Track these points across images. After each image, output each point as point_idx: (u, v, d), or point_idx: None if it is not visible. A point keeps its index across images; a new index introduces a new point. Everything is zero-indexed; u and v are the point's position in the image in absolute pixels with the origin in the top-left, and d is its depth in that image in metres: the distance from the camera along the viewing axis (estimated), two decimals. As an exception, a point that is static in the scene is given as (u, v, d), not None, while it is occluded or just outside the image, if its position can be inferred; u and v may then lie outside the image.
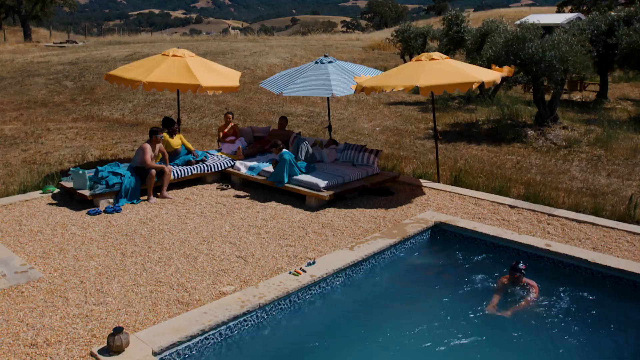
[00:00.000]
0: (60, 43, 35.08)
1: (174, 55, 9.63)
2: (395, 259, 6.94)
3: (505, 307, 5.81)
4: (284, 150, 8.95)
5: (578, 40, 13.89)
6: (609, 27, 17.63)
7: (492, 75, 8.65)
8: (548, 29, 19.25)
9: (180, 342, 4.76)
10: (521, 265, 5.89)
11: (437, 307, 5.90)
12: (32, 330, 4.91)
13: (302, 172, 8.88)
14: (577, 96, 20.02)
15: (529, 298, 5.84)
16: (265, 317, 5.42)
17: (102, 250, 6.66)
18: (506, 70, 9.24)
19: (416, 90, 7.97)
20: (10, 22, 49.52)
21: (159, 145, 8.91)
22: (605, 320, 5.62)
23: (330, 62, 9.84)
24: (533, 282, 5.92)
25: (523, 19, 24.17)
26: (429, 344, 5.22)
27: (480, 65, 11.88)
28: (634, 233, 7.21)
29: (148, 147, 8.67)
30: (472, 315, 5.68)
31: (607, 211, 8.16)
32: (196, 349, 4.87)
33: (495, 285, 6.13)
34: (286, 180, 8.72)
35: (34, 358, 4.51)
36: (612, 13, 18.89)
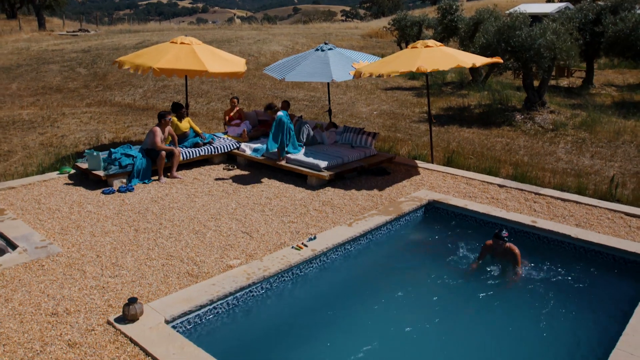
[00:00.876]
0: (73, 32, 34.76)
1: (181, 43, 9.58)
2: (391, 235, 6.99)
3: (492, 275, 5.88)
4: (279, 113, 8.78)
5: (566, 28, 13.79)
6: (597, 16, 17.46)
7: (482, 60, 8.63)
8: (538, 17, 19.04)
9: (191, 311, 4.84)
10: (504, 233, 5.92)
11: (429, 278, 5.96)
12: (53, 301, 4.98)
13: (295, 148, 8.87)
14: (564, 82, 19.91)
15: (513, 265, 5.90)
16: (270, 288, 5.49)
17: (116, 227, 6.71)
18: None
19: (412, 75, 7.94)
20: (25, 11, 49.01)
21: (168, 128, 8.93)
22: (587, 291, 5.69)
23: (330, 49, 9.78)
24: (514, 247, 5.93)
25: (514, 8, 23.86)
26: (421, 310, 5.32)
27: (472, 52, 11.81)
28: (615, 211, 7.26)
29: (158, 130, 8.69)
30: (461, 286, 5.76)
31: (590, 190, 8.21)
32: (205, 318, 4.94)
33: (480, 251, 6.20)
34: (286, 142, 8.70)
35: (55, 326, 4.59)
36: (600, 2, 18.68)
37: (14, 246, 6.10)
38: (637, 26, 15.37)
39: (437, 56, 8.23)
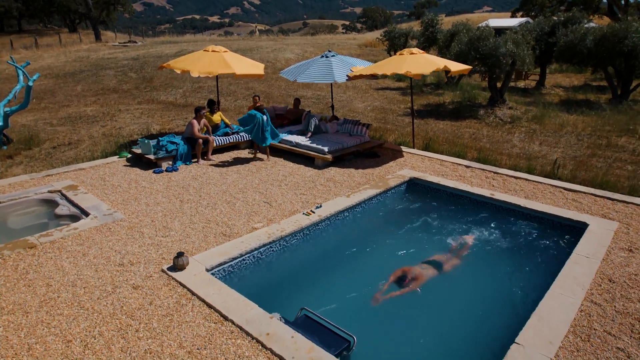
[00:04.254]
0: (124, 43, 34.46)
1: (213, 51, 9.48)
2: (380, 204, 7.08)
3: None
4: (257, 112, 8.55)
5: (525, 39, 13.68)
6: (551, 29, 17.24)
7: (456, 66, 8.62)
8: (503, 30, 18.81)
9: (225, 262, 5.01)
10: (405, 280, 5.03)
11: (410, 235, 6.10)
12: (119, 255, 5.16)
13: (271, 134, 8.64)
14: (521, 84, 19.72)
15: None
16: (285, 244, 5.62)
17: (165, 199, 6.82)
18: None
19: (399, 77, 7.91)
20: (84, 26, 48.63)
21: (203, 120, 8.95)
22: (531, 247, 5.82)
23: (333, 56, 9.73)
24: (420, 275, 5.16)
25: (483, 23, 23.54)
26: (403, 259, 5.45)
27: (449, 59, 11.77)
28: (556, 186, 7.32)
29: (195, 122, 8.73)
30: (435, 241, 5.89)
31: (537, 170, 8.24)
32: (236, 267, 5.12)
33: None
34: (259, 135, 8.45)
35: (122, 273, 4.79)
36: (555, 17, 18.41)
37: (86, 214, 6.27)
38: (584, 37, 15.21)
39: (420, 61, 8.23)
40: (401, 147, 9.79)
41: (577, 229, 5.94)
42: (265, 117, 8.55)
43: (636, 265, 4.94)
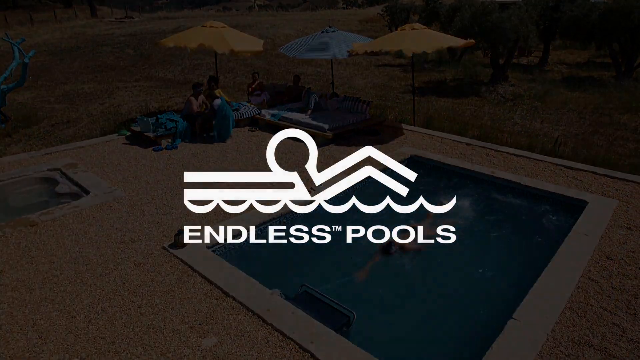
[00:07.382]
0: (121, 19, 33.77)
1: (211, 27, 9.41)
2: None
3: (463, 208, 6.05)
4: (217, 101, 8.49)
5: (529, 14, 13.38)
6: (556, 4, 16.83)
7: (458, 42, 8.48)
8: (507, 5, 18.34)
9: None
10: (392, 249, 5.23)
11: (409, 212, 6.00)
12: (121, 232, 5.21)
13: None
14: (524, 60, 19.44)
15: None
16: (285, 222, 5.65)
17: (165, 177, 6.83)
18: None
19: (400, 54, 7.80)
20: (79, 1, 47.50)
21: (201, 97, 8.89)
22: (532, 223, 5.86)
23: (333, 31, 9.62)
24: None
25: (487, -4, 22.94)
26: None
27: (451, 35, 11.54)
28: (557, 164, 7.30)
29: (193, 99, 8.70)
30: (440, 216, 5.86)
31: (538, 148, 8.22)
32: (237, 244, 5.14)
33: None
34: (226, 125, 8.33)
35: (123, 251, 4.85)
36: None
37: (87, 192, 6.30)
38: (589, 13, 14.87)
39: (422, 37, 8.07)
40: (402, 124, 9.75)
41: (576, 207, 5.94)
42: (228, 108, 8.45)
43: (634, 242, 4.97)
